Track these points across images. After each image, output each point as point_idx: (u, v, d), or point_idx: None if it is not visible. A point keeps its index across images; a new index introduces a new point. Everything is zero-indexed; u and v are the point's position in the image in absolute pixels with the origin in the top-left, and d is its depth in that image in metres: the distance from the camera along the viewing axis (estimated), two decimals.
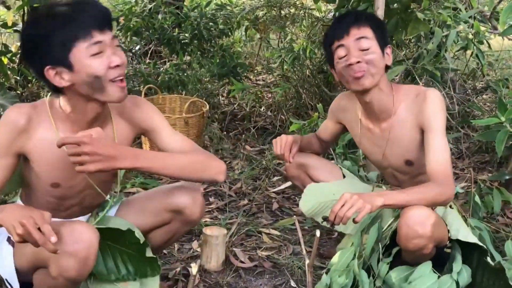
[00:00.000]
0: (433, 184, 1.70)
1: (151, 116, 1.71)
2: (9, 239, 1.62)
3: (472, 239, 1.79)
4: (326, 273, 1.93)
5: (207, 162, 1.65)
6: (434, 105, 1.78)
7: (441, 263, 1.83)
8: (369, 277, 1.82)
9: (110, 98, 1.52)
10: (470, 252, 1.84)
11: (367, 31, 1.79)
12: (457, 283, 1.75)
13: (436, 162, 1.72)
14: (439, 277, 1.74)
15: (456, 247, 1.86)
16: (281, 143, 2.02)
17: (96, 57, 1.46)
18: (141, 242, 1.62)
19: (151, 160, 1.54)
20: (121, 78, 1.51)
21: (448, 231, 1.81)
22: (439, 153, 1.72)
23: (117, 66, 1.49)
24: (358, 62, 1.77)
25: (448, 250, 1.89)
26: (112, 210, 1.83)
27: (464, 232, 1.81)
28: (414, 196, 1.67)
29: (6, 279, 1.62)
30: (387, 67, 1.86)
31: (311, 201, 2.01)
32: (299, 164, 2.13)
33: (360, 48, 1.78)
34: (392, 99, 1.87)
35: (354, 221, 1.62)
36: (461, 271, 1.79)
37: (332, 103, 2.14)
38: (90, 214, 1.81)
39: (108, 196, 1.77)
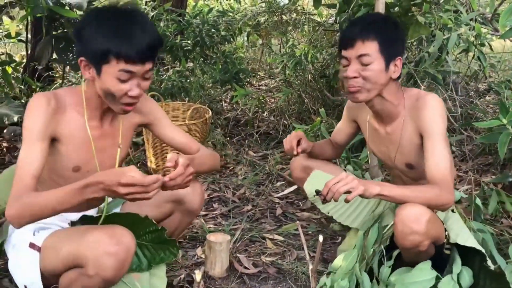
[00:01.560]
0: (434, 186, 1.70)
1: (155, 109, 1.87)
2: (33, 246, 1.65)
3: (472, 243, 1.78)
4: (328, 274, 1.93)
5: (214, 155, 1.94)
6: (432, 111, 1.78)
7: (441, 266, 1.83)
8: (371, 280, 1.82)
9: (113, 109, 1.66)
10: (472, 256, 1.84)
11: (372, 47, 1.77)
12: (459, 285, 1.75)
13: (435, 168, 1.72)
14: (438, 277, 1.75)
15: (455, 250, 1.86)
16: (290, 137, 2.05)
17: (121, 82, 1.56)
18: (159, 228, 1.72)
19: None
20: (131, 103, 1.62)
21: (448, 234, 1.82)
22: (438, 160, 1.73)
23: (134, 96, 1.60)
24: (355, 77, 1.79)
25: (448, 252, 1.89)
26: (117, 208, 1.91)
27: (464, 236, 1.81)
28: (412, 193, 1.68)
29: (25, 286, 1.65)
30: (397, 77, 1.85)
31: (315, 184, 2.01)
32: (304, 167, 2.15)
33: (361, 63, 1.78)
34: (398, 104, 1.87)
35: (346, 200, 1.63)
36: (461, 273, 1.79)
37: (347, 102, 2.16)
38: (96, 207, 1.87)
39: None
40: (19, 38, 3.97)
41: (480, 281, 1.83)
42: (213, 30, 4.15)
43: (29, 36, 4.07)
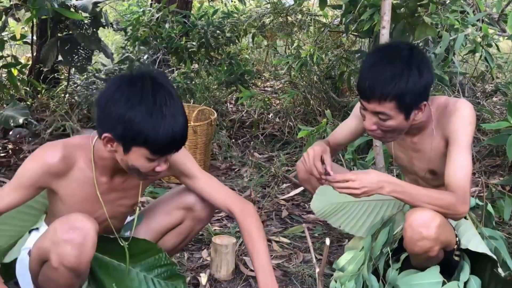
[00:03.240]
0: (450, 194, 1.67)
1: (183, 160, 1.73)
2: (29, 252, 1.65)
3: (483, 249, 1.75)
4: (335, 281, 1.92)
5: (260, 225, 1.82)
6: (462, 118, 1.70)
7: (450, 271, 1.81)
8: (378, 281, 1.81)
9: (135, 177, 1.61)
10: (483, 263, 1.81)
11: (390, 107, 1.63)
12: None
13: (455, 176, 1.67)
14: (445, 282, 1.72)
15: (465, 257, 1.83)
16: (309, 159, 1.82)
17: (150, 161, 1.49)
18: (169, 262, 1.72)
19: None
20: (155, 176, 1.60)
21: (459, 240, 1.79)
22: (460, 168, 1.67)
23: (160, 171, 1.55)
24: (373, 129, 1.70)
25: (457, 258, 1.86)
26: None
27: (475, 242, 1.78)
28: (425, 198, 1.65)
29: None
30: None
31: (322, 201, 2.00)
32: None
33: (379, 117, 1.67)
34: (426, 118, 1.77)
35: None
36: (469, 281, 1.76)
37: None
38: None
39: (130, 217, 1.86)
40: (24, 40, 3.97)
41: None
42: (218, 31, 4.14)
43: (34, 38, 4.07)
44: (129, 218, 1.88)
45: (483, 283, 1.79)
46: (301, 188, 2.95)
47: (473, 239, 1.79)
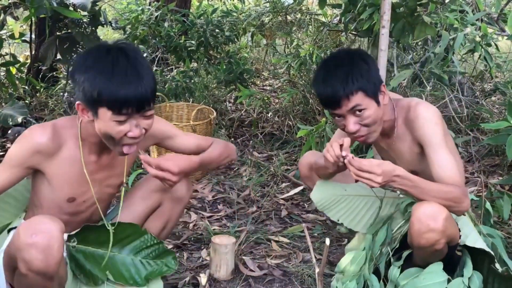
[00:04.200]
0: (455, 187, 1.69)
1: (161, 128, 1.81)
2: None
3: (481, 245, 1.77)
4: (337, 280, 1.92)
5: (228, 147, 1.93)
6: (425, 121, 1.76)
7: (452, 268, 1.82)
8: (379, 281, 1.81)
9: (113, 150, 1.62)
10: (481, 259, 1.82)
11: (359, 97, 1.73)
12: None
13: (445, 176, 1.70)
14: (449, 280, 1.73)
15: (466, 253, 1.84)
16: (332, 148, 1.80)
17: (119, 123, 1.51)
18: (156, 241, 1.74)
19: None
20: (131, 144, 1.58)
21: (460, 230, 1.80)
22: (445, 168, 1.71)
23: (134, 137, 1.55)
24: (357, 130, 1.76)
25: (459, 253, 1.87)
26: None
27: (473, 238, 1.80)
28: (434, 193, 1.66)
29: None
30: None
31: (323, 193, 1.99)
32: (313, 164, 2.10)
33: (355, 114, 1.75)
34: (393, 119, 1.86)
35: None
36: (472, 276, 1.77)
37: None
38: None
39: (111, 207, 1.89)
40: (23, 38, 3.96)
41: (488, 285, 1.81)
42: (217, 30, 4.13)
43: (33, 36, 4.06)
44: (110, 209, 1.91)
45: (482, 278, 1.80)
46: (301, 188, 2.95)
47: (470, 235, 1.81)
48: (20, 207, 1.83)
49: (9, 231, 1.78)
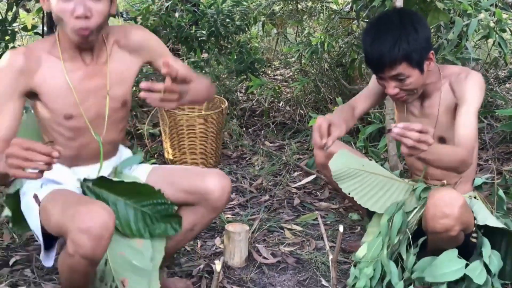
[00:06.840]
0: (461, 148, 1.71)
1: (160, 44, 1.80)
2: (36, 197, 1.64)
3: (501, 225, 1.79)
4: (354, 266, 1.92)
5: (211, 86, 1.90)
6: (473, 83, 1.80)
7: (467, 254, 1.81)
8: (397, 267, 1.81)
9: (71, 38, 1.57)
10: (497, 241, 1.83)
11: (402, 67, 1.77)
12: (488, 270, 1.73)
13: (463, 131, 1.73)
14: (467, 264, 1.73)
15: (481, 236, 1.84)
16: (319, 125, 1.83)
17: (63, 1, 1.51)
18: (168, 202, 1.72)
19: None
20: (83, 28, 1.53)
21: (475, 218, 1.80)
22: (467, 125, 1.74)
23: (84, 17, 1.51)
24: (397, 93, 1.83)
25: (474, 240, 1.87)
26: (137, 170, 1.86)
27: (492, 219, 1.80)
28: (447, 157, 1.64)
29: (33, 231, 1.67)
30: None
31: (341, 162, 1.97)
32: (330, 153, 2.07)
33: (396, 80, 1.81)
34: (437, 81, 1.90)
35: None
36: (490, 257, 1.77)
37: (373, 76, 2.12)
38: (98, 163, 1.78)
39: (130, 152, 1.89)
40: (35, 31, 3.98)
41: (506, 266, 1.81)
42: (228, 20, 4.12)
43: (45, 28, 4.08)
44: (126, 155, 1.87)
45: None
46: (313, 176, 2.95)
47: (489, 217, 1.81)
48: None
49: None
